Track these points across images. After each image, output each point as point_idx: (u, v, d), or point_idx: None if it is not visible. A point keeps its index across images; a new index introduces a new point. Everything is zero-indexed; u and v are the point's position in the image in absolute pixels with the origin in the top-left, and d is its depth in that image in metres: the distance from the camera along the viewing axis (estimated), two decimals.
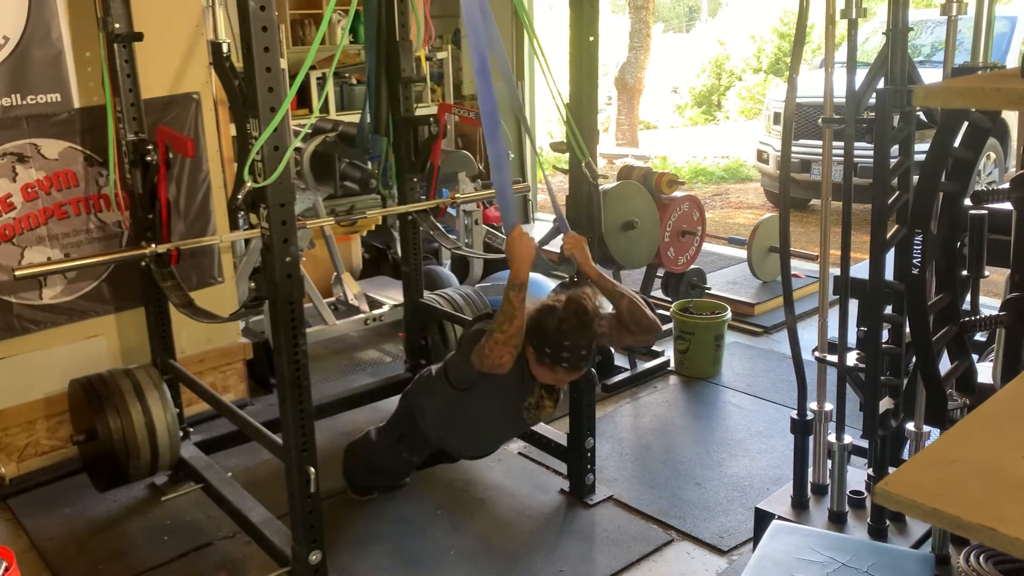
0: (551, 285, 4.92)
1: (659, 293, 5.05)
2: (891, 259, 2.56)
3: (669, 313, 4.58)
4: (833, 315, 2.81)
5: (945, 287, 2.35)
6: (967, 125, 2.21)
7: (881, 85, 2.50)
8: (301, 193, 4.20)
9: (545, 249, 2.90)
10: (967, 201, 2.33)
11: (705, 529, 3.14)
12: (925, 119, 2.53)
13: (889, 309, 2.62)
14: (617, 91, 13.37)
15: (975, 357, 2.44)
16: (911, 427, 2.72)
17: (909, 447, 2.78)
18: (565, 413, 3.39)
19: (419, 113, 3.84)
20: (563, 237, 2.81)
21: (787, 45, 15.74)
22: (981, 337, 3.17)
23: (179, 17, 3.60)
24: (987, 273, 2.41)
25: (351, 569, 2.93)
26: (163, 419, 3.19)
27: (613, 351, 4.42)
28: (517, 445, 3.71)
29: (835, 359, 2.73)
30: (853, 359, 2.69)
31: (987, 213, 2.32)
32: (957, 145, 2.22)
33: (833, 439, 2.84)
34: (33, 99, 3.29)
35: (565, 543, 3.08)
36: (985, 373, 2.50)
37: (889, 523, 2.77)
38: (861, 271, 2.66)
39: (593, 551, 3.05)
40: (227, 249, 3.98)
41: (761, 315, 5.18)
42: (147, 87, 3.29)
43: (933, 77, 2.35)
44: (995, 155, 7.46)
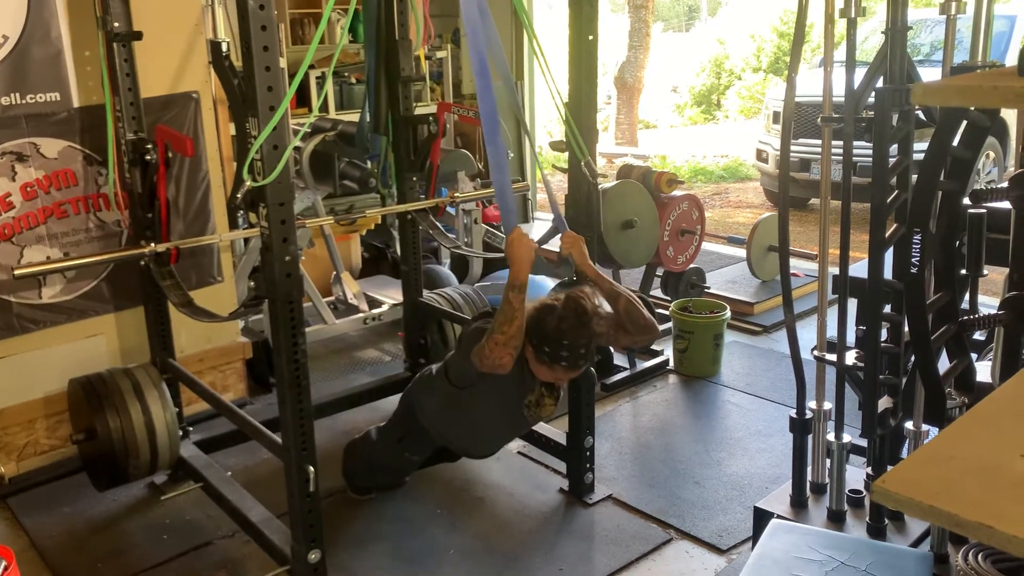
0: (551, 284, 4.93)
1: (658, 292, 5.05)
2: (890, 258, 2.57)
3: (668, 312, 4.58)
4: (832, 314, 2.82)
5: (944, 286, 2.35)
6: (966, 124, 2.21)
7: (880, 84, 2.50)
8: (300, 192, 4.20)
9: (544, 249, 2.89)
10: (966, 200, 2.33)
11: (704, 528, 3.14)
12: (924, 118, 2.53)
13: (888, 308, 2.62)
14: (616, 90, 13.36)
15: (974, 356, 2.44)
16: (910, 426, 2.73)
17: (908, 446, 2.78)
18: (564, 412, 3.39)
19: (418, 112, 3.84)
20: (561, 236, 2.81)
21: (786, 44, 15.75)
22: (980, 336, 3.18)
23: (178, 16, 3.60)
24: (986, 272, 2.41)
25: (350, 568, 2.93)
26: (162, 418, 3.19)
27: (612, 350, 4.43)
28: (516, 444, 3.71)
29: (834, 358, 2.73)
30: (852, 358, 2.69)
31: (986, 212, 2.32)
32: (956, 144, 2.22)
33: (832, 438, 2.84)
34: (32, 98, 3.29)
35: (564, 542, 3.09)
36: (984, 372, 2.50)
37: (888, 522, 2.78)
38: (860, 270, 2.66)
39: (592, 550, 3.05)
40: (226, 248, 3.98)
41: (760, 314, 5.18)
42: (146, 86, 3.29)
43: (932, 76, 2.35)
44: (994, 154, 7.46)
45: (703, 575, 2.91)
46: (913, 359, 2.55)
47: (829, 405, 2.88)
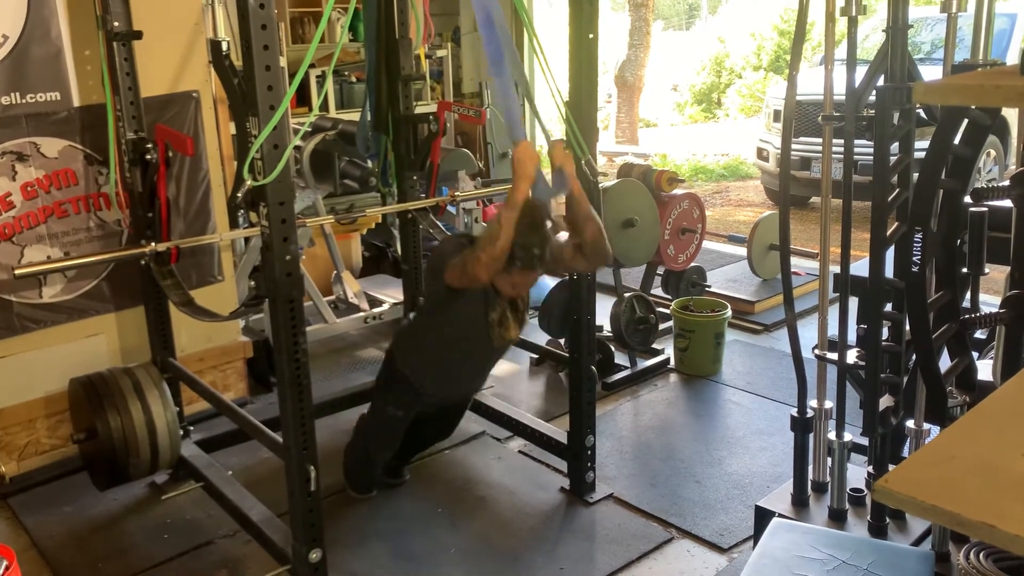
0: (549, 284, 4.93)
1: (659, 291, 5.05)
2: (891, 257, 2.56)
3: (669, 311, 4.58)
4: (833, 313, 2.81)
5: (945, 284, 2.35)
6: (967, 122, 2.21)
7: (881, 82, 2.50)
8: (301, 191, 4.20)
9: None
10: (967, 198, 2.33)
11: (705, 527, 3.14)
12: (925, 116, 2.53)
13: (889, 307, 2.62)
14: (617, 89, 13.35)
15: (975, 355, 2.44)
16: (911, 425, 2.72)
17: (909, 445, 2.78)
18: (565, 411, 3.40)
19: (419, 111, 3.84)
20: (551, 148, 2.74)
21: (787, 43, 15.73)
22: (981, 334, 3.17)
23: (178, 15, 3.59)
24: (987, 270, 2.41)
25: (351, 567, 2.93)
26: (163, 418, 3.19)
27: (614, 349, 4.43)
28: (518, 443, 3.71)
29: (835, 357, 2.73)
30: (853, 357, 2.69)
31: (987, 210, 2.32)
32: (957, 142, 2.22)
33: (833, 437, 2.84)
34: (33, 97, 3.29)
35: (565, 541, 3.09)
36: (985, 370, 2.50)
37: (889, 521, 2.77)
38: (861, 269, 2.66)
39: (593, 549, 3.05)
40: (227, 247, 3.98)
41: (761, 313, 5.18)
42: (147, 85, 3.29)
43: (933, 74, 2.34)
44: (995, 152, 7.46)
45: (704, 574, 2.91)
46: (914, 358, 2.55)
47: (830, 404, 2.87)
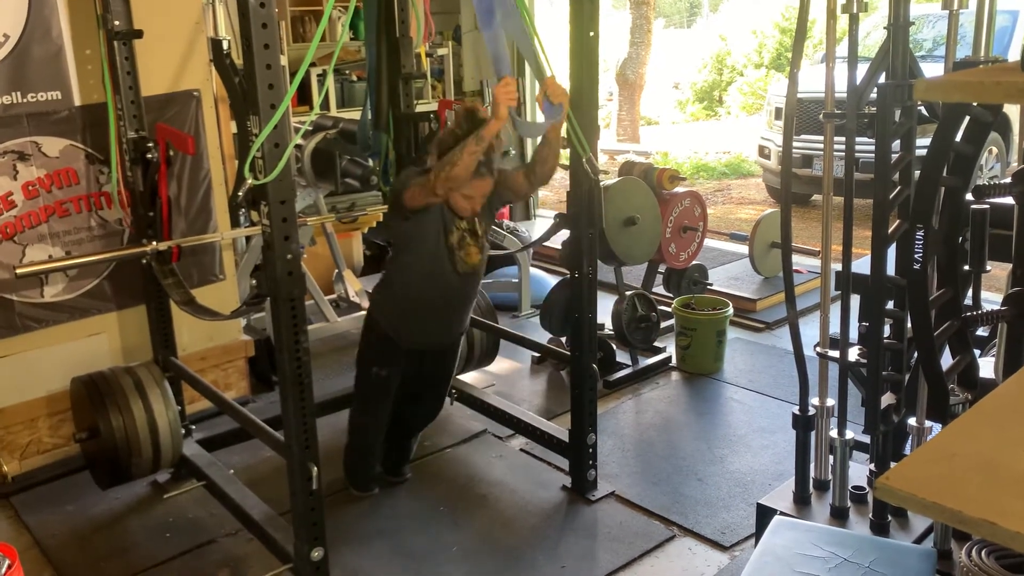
0: (551, 282, 4.93)
1: (661, 289, 5.04)
2: (893, 254, 2.56)
3: (671, 309, 4.58)
4: (835, 311, 2.81)
5: (947, 282, 2.35)
6: (968, 119, 2.21)
7: (882, 80, 2.49)
8: (302, 190, 4.20)
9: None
10: (969, 196, 2.32)
11: (707, 525, 3.14)
12: (927, 114, 2.53)
13: (891, 304, 2.61)
14: (618, 87, 13.34)
15: (977, 352, 2.44)
16: (913, 422, 2.72)
17: (911, 442, 2.78)
18: (567, 410, 3.40)
19: (420, 109, 3.83)
20: (547, 84, 2.72)
21: (788, 40, 15.71)
22: (983, 332, 3.17)
23: (179, 14, 3.60)
24: (989, 268, 2.41)
25: (353, 565, 2.94)
26: (165, 417, 3.19)
27: (615, 347, 4.43)
28: (519, 441, 3.72)
29: (837, 355, 2.73)
30: (855, 355, 2.69)
31: (989, 208, 2.32)
32: (958, 139, 2.21)
33: (835, 434, 2.84)
34: (34, 97, 3.30)
35: (567, 539, 3.09)
36: (987, 368, 2.50)
37: (891, 518, 2.77)
38: (863, 266, 2.65)
39: (595, 547, 3.05)
40: (228, 246, 3.98)
41: (763, 311, 5.17)
42: (147, 84, 3.29)
43: (935, 71, 2.34)
44: (997, 150, 7.45)
45: (706, 572, 2.91)
46: (916, 355, 2.54)
47: (832, 402, 2.87)
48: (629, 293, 4.45)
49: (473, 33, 7.11)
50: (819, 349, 2.84)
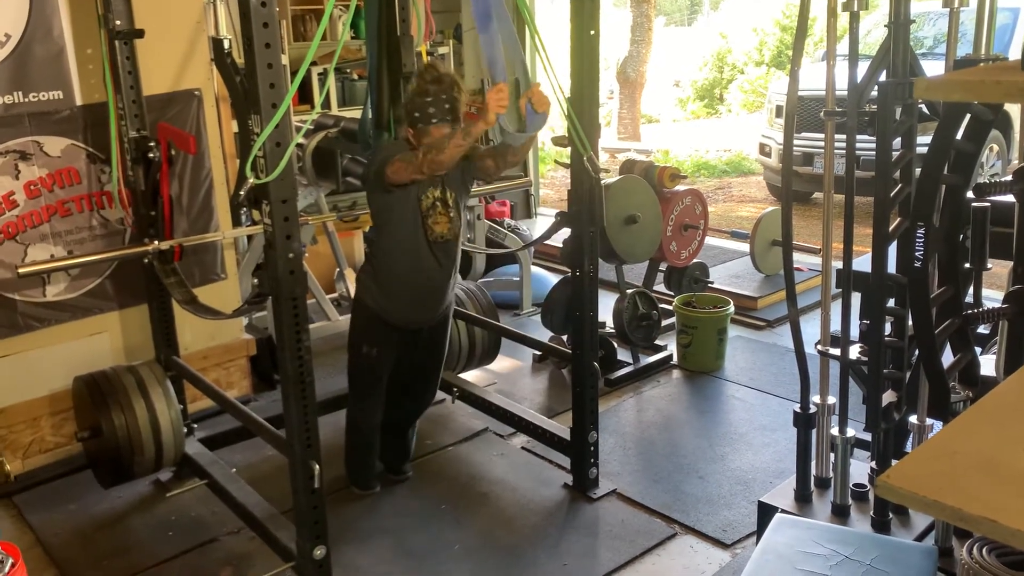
0: (552, 280, 4.93)
1: (662, 287, 5.04)
2: (894, 252, 2.56)
3: (672, 307, 4.58)
4: (836, 308, 2.81)
5: (948, 280, 2.35)
6: (969, 117, 2.21)
7: (883, 78, 2.49)
8: (303, 189, 4.20)
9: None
10: (969, 194, 2.33)
11: (708, 523, 3.14)
12: (927, 112, 2.53)
13: (892, 302, 2.62)
14: (619, 85, 13.33)
15: (978, 350, 2.44)
16: (914, 420, 2.73)
17: (912, 440, 2.78)
18: (568, 408, 3.40)
19: None
20: (532, 94, 2.72)
21: (789, 38, 15.69)
22: (984, 330, 3.17)
23: (180, 14, 3.60)
24: (990, 266, 2.41)
25: (355, 564, 2.94)
26: (167, 415, 3.20)
27: (616, 346, 4.43)
28: (520, 440, 3.72)
29: (838, 352, 2.73)
30: (856, 352, 2.69)
31: (990, 206, 2.32)
32: (959, 137, 2.21)
33: (836, 432, 2.84)
34: (35, 96, 3.30)
35: (568, 537, 3.09)
36: (988, 366, 2.50)
37: (892, 516, 2.78)
38: (864, 264, 2.65)
39: (597, 545, 3.05)
40: (230, 245, 3.99)
41: (764, 309, 5.17)
42: (149, 84, 3.30)
43: (935, 69, 2.35)
44: (997, 147, 7.44)
45: (707, 569, 2.91)
46: (917, 353, 2.55)
47: (833, 399, 2.87)
48: (630, 291, 4.45)
49: (474, 32, 7.10)
50: (820, 347, 2.84)
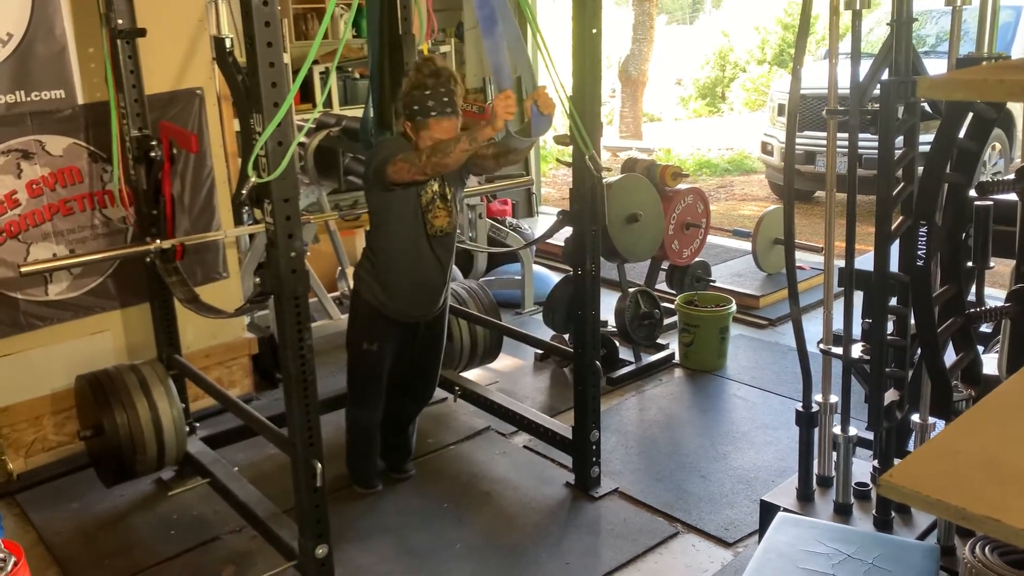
0: (554, 279, 4.93)
1: (664, 286, 5.04)
2: (896, 251, 2.56)
3: (674, 306, 4.58)
4: (838, 307, 2.81)
5: (950, 278, 2.35)
6: (972, 116, 2.21)
7: (885, 76, 2.49)
8: (305, 188, 4.21)
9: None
10: (972, 192, 2.32)
11: (711, 521, 3.14)
12: (930, 110, 2.53)
13: (894, 301, 2.61)
14: (621, 83, 13.32)
15: (980, 348, 2.44)
16: (916, 419, 2.72)
17: (914, 439, 2.78)
18: (570, 407, 3.40)
19: None
20: (537, 96, 2.73)
21: (791, 36, 15.68)
22: (986, 328, 3.17)
23: (182, 13, 3.60)
24: (992, 264, 2.40)
25: (357, 562, 2.94)
26: (169, 414, 3.20)
27: (618, 344, 4.43)
28: (522, 438, 3.72)
29: (840, 351, 2.73)
30: (858, 351, 2.69)
31: (992, 204, 2.31)
32: (962, 136, 2.21)
33: (838, 431, 2.84)
34: (37, 96, 3.30)
35: (571, 536, 3.09)
36: (990, 364, 2.49)
37: (894, 515, 2.77)
38: (866, 263, 2.65)
39: (599, 544, 3.05)
40: (232, 244, 3.99)
41: (766, 307, 5.17)
42: (150, 83, 3.30)
43: (938, 68, 2.35)
44: (1000, 146, 7.43)
45: (710, 568, 2.91)
46: (919, 352, 2.54)
47: (835, 398, 2.87)
48: (632, 290, 4.45)
49: (475, 31, 7.10)
50: (822, 346, 2.84)
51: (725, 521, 3.14)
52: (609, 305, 4.37)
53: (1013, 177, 2.30)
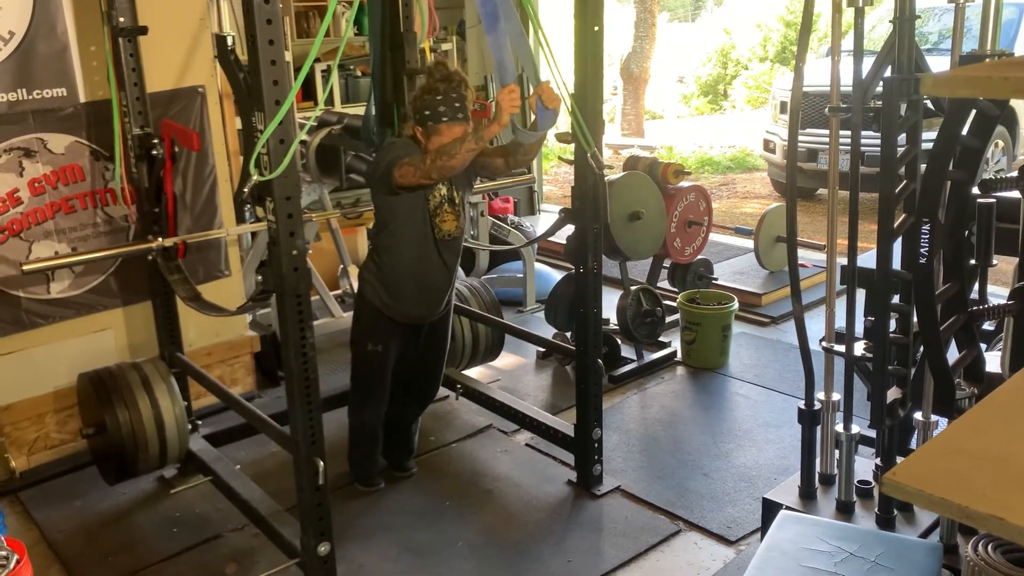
0: (555, 277, 4.93)
1: (666, 284, 5.04)
2: (899, 248, 2.56)
3: (676, 304, 4.58)
4: (840, 305, 2.81)
5: (953, 276, 2.35)
6: (975, 113, 2.20)
7: (888, 73, 2.48)
8: (307, 186, 4.20)
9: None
10: (975, 189, 2.32)
11: (713, 519, 3.14)
12: (932, 107, 2.52)
13: (897, 298, 2.61)
14: (623, 81, 13.31)
15: (983, 346, 2.43)
16: (919, 417, 2.72)
17: (917, 437, 2.77)
18: (572, 404, 3.40)
19: None
20: (541, 90, 2.74)
21: (793, 34, 15.66)
22: (989, 326, 3.16)
23: (183, 10, 3.60)
24: (995, 262, 2.40)
25: (359, 560, 2.94)
26: (171, 412, 3.20)
27: (620, 342, 4.43)
28: (524, 436, 3.72)
29: (842, 349, 2.72)
30: (860, 349, 2.69)
31: (995, 202, 2.31)
32: (965, 133, 2.21)
33: (840, 429, 2.84)
34: (39, 94, 3.30)
35: (573, 534, 3.09)
36: (993, 362, 2.49)
37: (897, 513, 2.77)
38: (868, 260, 2.65)
39: (601, 542, 3.05)
40: (234, 242, 3.99)
41: (768, 305, 5.17)
42: (152, 81, 3.29)
43: (941, 65, 2.33)
44: (1003, 143, 7.42)
45: (712, 566, 2.91)
46: (922, 349, 2.54)
47: (838, 396, 2.87)
48: (634, 288, 4.44)
49: (477, 28, 7.10)
50: (825, 343, 2.83)
51: (727, 519, 3.14)
52: (611, 303, 4.37)
53: (1016, 174, 2.30)
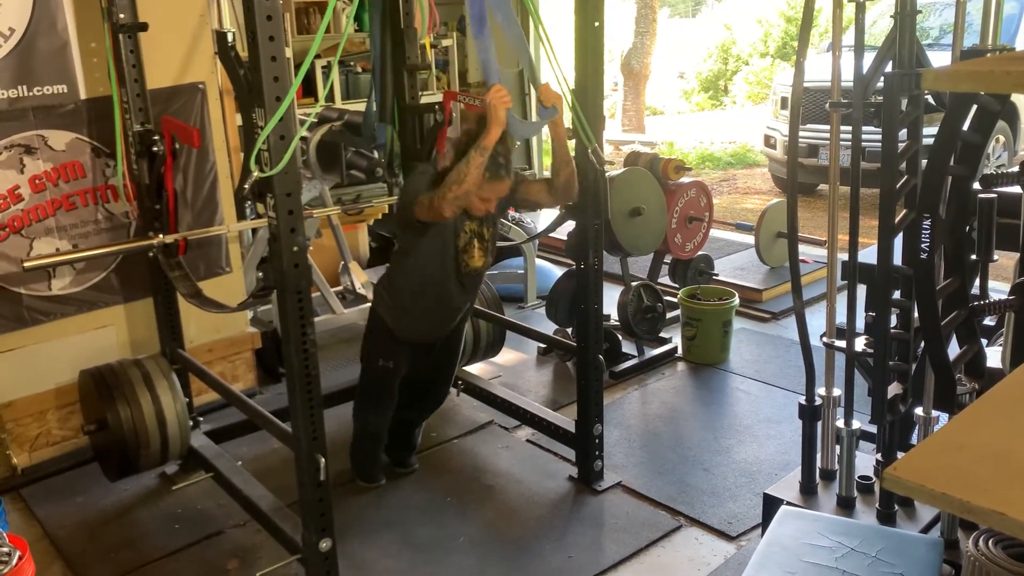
0: (556, 273, 4.93)
1: (666, 279, 5.04)
2: (899, 244, 2.56)
3: (677, 300, 4.58)
4: (841, 300, 2.81)
5: (954, 271, 2.35)
6: (976, 108, 2.20)
7: (889, 69, 2.48)
8: (307, 182, 4.20)
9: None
10: (976, 185, 2.32)
11: (713, 515, 3.14)
12: (933, 102, 2.52)
13: (897, 294, 2.61)
14: (623, 77, 13.29)
15: (984, 341, 2.43)
16: (920, 412, 2.72)
17: (918, 432, 2.77)
18: (573, 400, 3.40)
19: (424, 101, 3.83)
20: (540, 90, 2.78)
21: (794, 29, 15.63)
22: (990, 321, 3.17)
23: (184, 7, 3.59)
24: (996, 257, 2.40)
25: (361, 556, 2.95)
26: (173, 408, 3.21)
27: (621, 338, 4.43)
28: (525, 432, 3.72)
29: (843, 344, 2.72)
30: (861, 344, 2.69)
31: (996, 197, 2.31)
32: (966, 128, 2.20)
33: (841, 424, 2.84)
34: (39, 90, 3.30)
35: (574, 529, 3.09)
36: (994, 357, 2.49)
37: (898, 508, 2.77)
38: (869, 256, 2.65)
39: (602, 537, 3.06)
40: (234, 239, 3.99)
41: (769, 301, 5.17)
42: (153, 77, 3.29)
43: (942, 60, 2.33)
44: (1004, 138, 7.41)
45: (713, 562, 2.91)
46: (923, 345, 2.54)
47: (838, 392, 2.87)
48: (635, 284, 4.45)
49: None
50: (825, 339, 2.83)
51: (728, 514, 3.14)
52: (612, 299, 4.37)
53: (1017, 169, 2.29)
